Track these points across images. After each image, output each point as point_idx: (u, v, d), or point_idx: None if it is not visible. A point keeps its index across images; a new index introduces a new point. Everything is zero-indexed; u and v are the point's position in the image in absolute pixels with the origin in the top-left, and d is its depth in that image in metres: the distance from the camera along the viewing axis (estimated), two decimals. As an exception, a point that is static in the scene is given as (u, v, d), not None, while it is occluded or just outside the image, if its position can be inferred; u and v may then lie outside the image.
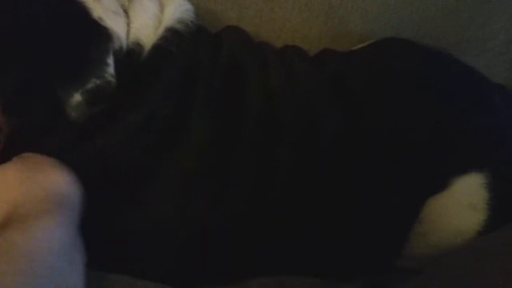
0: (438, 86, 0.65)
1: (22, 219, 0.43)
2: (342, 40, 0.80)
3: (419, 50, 0.72)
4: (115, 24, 0.54)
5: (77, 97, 0.51)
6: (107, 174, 0.56)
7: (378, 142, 0.62)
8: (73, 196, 0.48)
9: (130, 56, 0.56)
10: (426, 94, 0.64)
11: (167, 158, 0.56)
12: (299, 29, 0.79)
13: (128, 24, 0.57)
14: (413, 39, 0.76)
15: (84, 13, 0.53)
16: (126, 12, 0.58)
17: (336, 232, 0.61)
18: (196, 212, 0.57)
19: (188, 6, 0.64)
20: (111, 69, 0.52)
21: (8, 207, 0.46)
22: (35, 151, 0.51)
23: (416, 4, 0.78)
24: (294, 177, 0.60)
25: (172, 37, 0.59)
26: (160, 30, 0.59)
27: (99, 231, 0.53)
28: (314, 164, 0.61)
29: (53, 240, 0.43)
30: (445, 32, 0.79)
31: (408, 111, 0.63)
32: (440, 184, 0.62)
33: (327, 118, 0.62)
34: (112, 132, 0.55)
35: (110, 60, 0.53)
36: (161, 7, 0.61)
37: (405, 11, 0.78)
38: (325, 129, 0.62)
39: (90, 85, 0.51)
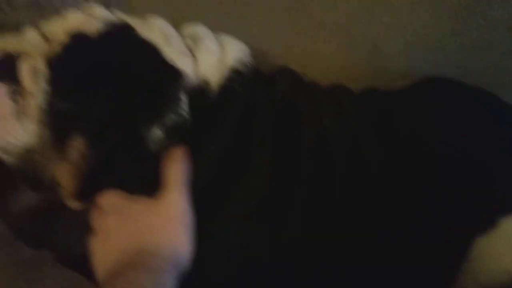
0: (483, 126, 0.66)
1: (149, 268, 0.50)
2: (384, 78, 0.80)
3: (464, 91, 0.73)
4: (183, 63, 0.58)
5: (156, 132, 0.54)
6: None
7: (424, 178, 0.62)
8: (185, 264, 0.54)
9: (200, 94, 0.59)
10: (471, 134, 0.65)
11: (231, 193, 0.58)
12: (344, 68, 0.81)
13: (195, 64, 0.60)
14: (456, 77, 0.76)
15: (157, 54, 0.57)
16: (191, 52, 0.61)
17: (382, 265, 0.62)
18: (256, 247, 0.59)
19: (244, 47, 0.67)
20: (185, 105, 0.56)
21: (138, 249, 0.51)
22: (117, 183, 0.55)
23: (460, 41, 0.78)
24: (345, 210, 0.61)
25: (236, 77, 0.62)
26: (225, 70, 0.62)
27: None
28: (363, 197, 0.62)
29: None
30: (489, 70, 0.79)
31: (454, 150, 0.64)
32: (488, 222, 0.62)
33: (374, 156, 0.64)
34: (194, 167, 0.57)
35: (184, 97, 0.56)
36: (221, 47, 0.65)
37: (449, 48, 0.78)
38: (372, 165, 0.63)
39: (167, 120, 0.54)
